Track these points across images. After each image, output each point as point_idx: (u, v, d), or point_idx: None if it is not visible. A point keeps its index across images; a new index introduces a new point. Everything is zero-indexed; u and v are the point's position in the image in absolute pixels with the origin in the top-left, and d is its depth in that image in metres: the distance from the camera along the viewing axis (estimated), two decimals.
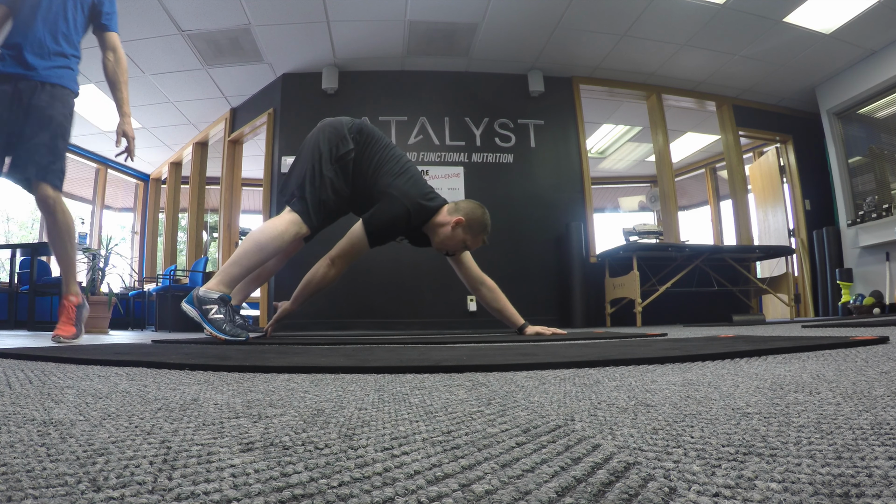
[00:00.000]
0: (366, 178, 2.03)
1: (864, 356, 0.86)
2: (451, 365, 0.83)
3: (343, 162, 1.98)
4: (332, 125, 2.03)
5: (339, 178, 1.98)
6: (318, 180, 1.93)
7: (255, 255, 1.85)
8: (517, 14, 3.96)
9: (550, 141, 4.66)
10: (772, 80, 4.90)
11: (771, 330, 2.20)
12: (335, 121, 2.06)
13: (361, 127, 2.06)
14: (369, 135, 2.06)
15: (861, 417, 0.39)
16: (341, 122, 2.05)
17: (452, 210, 2.14)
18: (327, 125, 2.04)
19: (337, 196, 1.98)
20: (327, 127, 2.02)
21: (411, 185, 2.05)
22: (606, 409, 0.46)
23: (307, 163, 1.95)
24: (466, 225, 2.13)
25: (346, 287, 4.14)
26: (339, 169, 1.98)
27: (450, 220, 2.11)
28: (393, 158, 2.07)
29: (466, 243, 2.18)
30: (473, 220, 2.15)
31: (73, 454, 0.31)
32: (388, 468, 0.28)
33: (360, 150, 2.03)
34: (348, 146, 1.98)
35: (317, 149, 1.96)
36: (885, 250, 4.42)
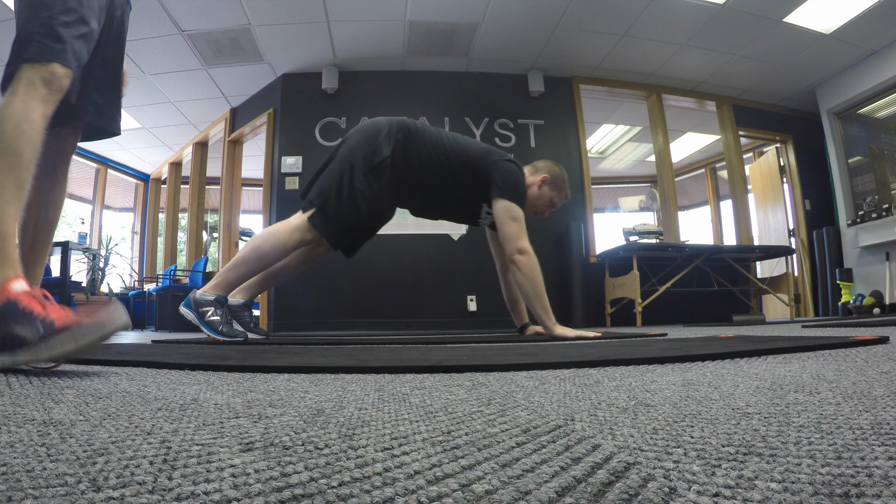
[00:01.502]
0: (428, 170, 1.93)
1: (864, 356, 0.86)
2: (451, 365, 0.83)
3: (378, 171, 1.86)
4: (366, 133, 1.91)
5: (373, 189, 1.85)
6: (345, 195, 1.82)
7: (254, 262, 1.81)
8: (517, 14, 3.96)
9: (550, 141, 4.66)
10: (772, 80, 4.90)
11: (771, 330, 2.20)
12: (371, 127, 1.93)
13: (401, 126, 1.94)
14: (412, 130, 1.95)
15: (861, 417, 0.39)
16: (378, 128, 1.92)
17: (532, 171, 2.11)
18: (362, 132, 1.92)
19: (371, 207, 1.87)
20: (361, 135, 1.91)
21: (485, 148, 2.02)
22: (606, 409, 0.46)
23: (336, 173, 1.84)
24: (552, 182, 2.12)
25: (347, 287, 4.14)
26: (374, 178, 1.85)
27: (536, 179, 2.09)
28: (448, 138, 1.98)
29: (554, 200, 2.17)
30: (557, 176, 2.13)
31: (73, 454, 0.31)
32: (388, 468, 0.28)
33: (402, 150, 1.91)
34: (382, 155, 1.86)
35: (348, 159, 1.85)
36: (885, 250, 4.42)
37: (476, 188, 1.99)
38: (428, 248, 4.31)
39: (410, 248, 4.26)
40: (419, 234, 4.28)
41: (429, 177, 1.94)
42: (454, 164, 1.94)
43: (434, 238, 4.33)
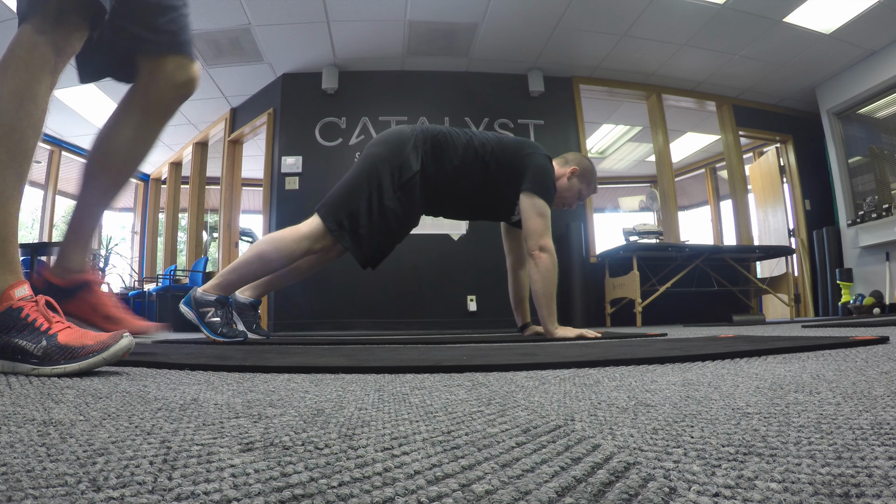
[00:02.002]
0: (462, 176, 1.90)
1: (864, 356, 0.86)
2: (451, 365, 0.83)
3: (408, 187, 1.81)
4: (391, 144, 1.83)
5: (403, 205, 1.81)
6: (376, 214, 1.77)
7: (257, 267, 1.76)
8: (517, 14, 3.96)
9: (550, 141, 4.66)
10: (772, 80, 4.89)
11: (771, 330, 2.20)
12: (396, 139, 1.85)
13: (427, 135, 1.88)
14: (440, 139, 1.89)
15: (861, 417, 0.39)
16: (403, 138, 1.84)
17: (563, 163, 2.11)
18: (386, 144, 1.84)
19: (402, 224, 1.85)
20: (386, 147, 1.83)
21: (520, 142, 2.00)
22: (606, 409, 0.46)
23: (365, 191, 1.77)
24: (581, 174, 2.11)
25: (346, 287, 4.14)
26: (405, 194, 1.81)
27: (565, 171, 2.09)
28: (480, 138, 1.95)
29: (582, 192, 2.15)
30: (586, 168, 2.13)
31: (73, 454, 0.31)
32: (388, 468, 0.28)
33: (432, 162, 1.87)
34: (412, 170, 1.80)
35: (375, 176, 1.77)
36: (885, 250, 4.42)
37: (511, 185, 1.98)
38: (428, 248, 4.31)
39: (410, 248, 4.26)
40: (419, 234, 4.27)
41: (463, 182, 1.91)
42: (490, 165, 1.92)
43: (434, 238, 4.32)
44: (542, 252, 1.92)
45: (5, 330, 0.72)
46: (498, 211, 2.11)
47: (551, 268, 1.93)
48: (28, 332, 0.72)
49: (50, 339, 0.71)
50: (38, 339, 0.71)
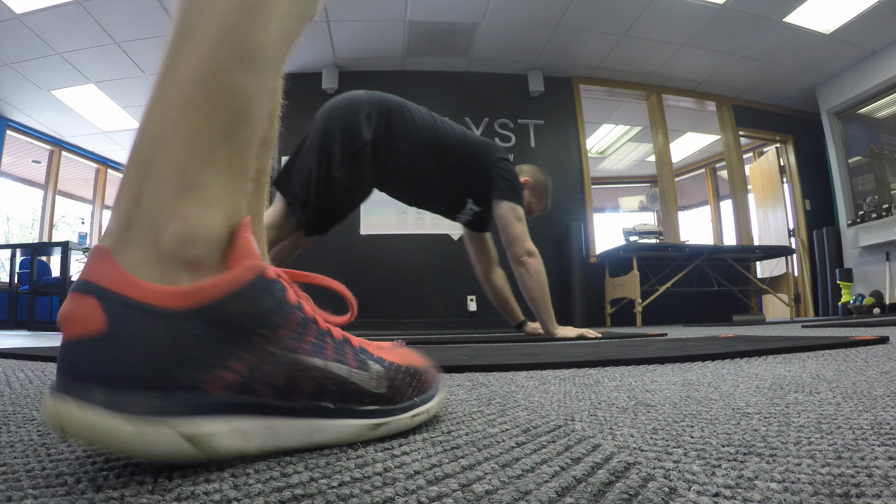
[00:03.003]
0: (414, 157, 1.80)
1: (864, 356, 0.86)
2: (451, 365, 0.83)
3: (357, 157, 1.72)
4: (345, 110, 1.75)
5: (352, 176, 1.73)
6: (323, 184, 1.70)
7: None
8: (517, 14, 3.96)
9: (550, 141, 4.66)
10: (772, 80, 4.90)
11: (771, 330, 2.20)
12: (350, 104, 1.76)
13: (384, 105, 1.78)
14: (395, 111, 1.80)
15: (861, 417, 0.39)
16: (357, 105, 1.75)
17: (517, 172, 2.03)
18: (340, 109, 1.75)
19: (349, 196, 1.76)
20: (339, 113, 1.74)
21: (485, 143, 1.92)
22: (606, 409, 0.46)
23: (314, 160, 1.70)
24: (533, 187, 2.03)
25: (346, 287, 4.13)
26: (353, 165, 1.72)
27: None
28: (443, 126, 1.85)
29: (531, 207, 2.07)
30: (539, 183, 2.05)
31: (73, 454, 0.31)
32: (388, 468, 0.28)
33: (385, 134, 1.76)
34: (361, 139, 1.71)
35: (326, 145, 1.70)
36: (885, 250, 4.42)
37: (466, 182, 1.90)
38: (428, 248, 4.31)
39: (410, 248, 4.27)
40: (419, 234, 4.28)
41: (414, 164, 1.81)
42: (446, 155, 1.83)
43: (434, 238, 4.33)
44: (530, 257, 1.86)
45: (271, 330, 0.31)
46: (444, 206, 2.01)
47: (541, 270, 1.89)
48: (319, 341, 0.33)
49: (367, 353, 0.37)
50: (345, 352, 0.35)
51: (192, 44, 0.32)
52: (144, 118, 0.31)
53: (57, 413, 0.25)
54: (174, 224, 0.29)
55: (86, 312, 0.27)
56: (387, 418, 0.35)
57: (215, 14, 0.32)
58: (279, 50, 0.35)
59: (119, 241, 0.29)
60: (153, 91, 0.32)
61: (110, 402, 0.25)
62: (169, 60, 0.32)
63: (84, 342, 0.26)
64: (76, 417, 0.25)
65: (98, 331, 0.26)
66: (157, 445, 0.26)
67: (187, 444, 0.26)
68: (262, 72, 0.33)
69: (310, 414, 0.32)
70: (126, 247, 0.29)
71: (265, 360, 0.30)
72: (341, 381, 0.33)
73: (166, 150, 0.30)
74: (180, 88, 0.31)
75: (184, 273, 0.29)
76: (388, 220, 4.26)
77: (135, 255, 0.28)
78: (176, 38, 0.32)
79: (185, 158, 0.30)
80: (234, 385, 0.29)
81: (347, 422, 0.33)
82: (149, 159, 0.30)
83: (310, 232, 1.76)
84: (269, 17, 0.33)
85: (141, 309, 0.27)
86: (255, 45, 0.33)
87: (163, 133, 0.30)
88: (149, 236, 0.29)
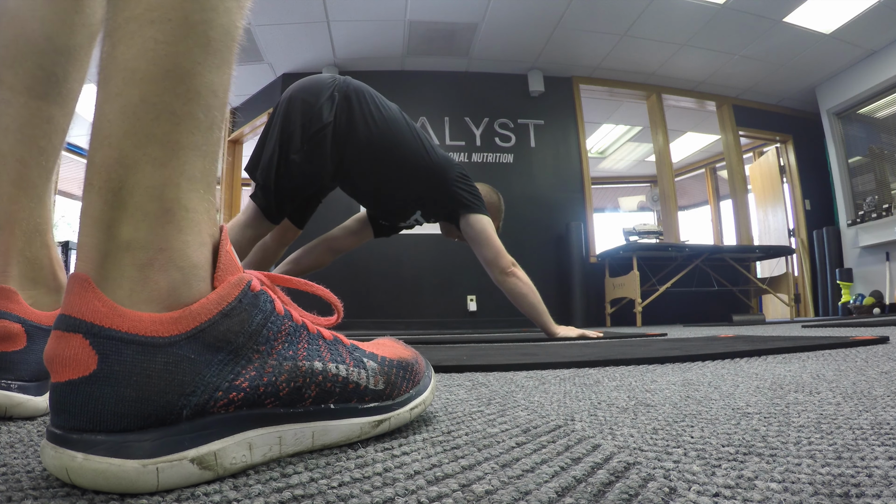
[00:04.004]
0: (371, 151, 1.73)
1: (864, 356, 0.86)
2: (451, 365, 0.83)
3: (317, 139, 1.64)
4: (307, 92, 1.67)
5: (311, 161, 1.65)
6: (283, 167, 1.63)
7: None
8: (517, 14, 3.96)
9: (550, 141, 4.66)
10: (772, 80, 4.90)
11: (771, 330, 2.20)
12: (313, 87, 1.69)
13: (348, 88, 1.71)
14: (359, 97, 1.72)
15: (861, 417, 0.39)
16: (320, 87, 1.68)
17: None
18: (302, 91, 1.68)
19: (308, 179, 1.68)
20: (301, 95, 1.67)
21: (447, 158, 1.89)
22: (606, 409, 0.46)
23: (275, 143, 1.64)
24: (487, 208, 1.97)
25: (346, 287, 4.14)
26: (314, 147, 1.64)
27: None
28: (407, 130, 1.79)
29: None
30: (492, 204, 2.02)
31: None
32: (388, 468, 0.28)
33: (346, 120, 1.68)
34: (321, 122, 1.64)
35: (286, 127, 1.64)
36: (885, 250, 4.42)
37: (420, 192, 1.85)
38: (428, 248, 4.31)
39: (410, 248, 4.26)
40: (419, 234, 4.27)
41: (371, 158, 1.73)
42: (405, 157, 1.76)
43: (434, 238, 4.32)
44: (516, 268, 1.86)
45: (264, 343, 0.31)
46: (391, 210, 1.96)
47: (528, 278, 1.89)
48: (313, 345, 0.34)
49: (360, 351, 0.37)
50: (340, 353, 0.35)
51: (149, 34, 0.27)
52: (101, 132, 0.27)
53: (62, 465, 0.24)
54: (160, 259, 0.27)
55: (74, 353, 0.25)
56: (387, 414, 0.36)
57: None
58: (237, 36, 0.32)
59: (98, 270, 0.27)
60: (105, 98, 0.27)
61: (115, 448, 0.24)
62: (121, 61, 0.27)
63: (75, 384, 0.25)
64: (83, 468, 0.24)
65: (89, 370, 0.25)
66: (169, 480, 0.25)
67: (196, 468, 0.26)
68: (228, 64, 0.31)
69: (313, 418, 0.32)
70: (106, 279, 0.27)
71: (264, 372, 0.29)
72: (342, 382, 0.33)
73: (139, 173, 0.27)
74: (144, 94, 0.27)
75: (171, 298, 0.28)
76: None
77: (117, 288, 0.27)
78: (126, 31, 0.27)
79: (160, 181, 0.28)
80: (236, 402, 0.28)
81: (350, 421, 0.33)
82: (119, 184, 0.27)
83: (270, 216, 1.69)
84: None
85: (132, 342, 0.26)
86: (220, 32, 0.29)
87: (131, 152, 0.27)
88: (132, 273, 0.27)
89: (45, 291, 0.45)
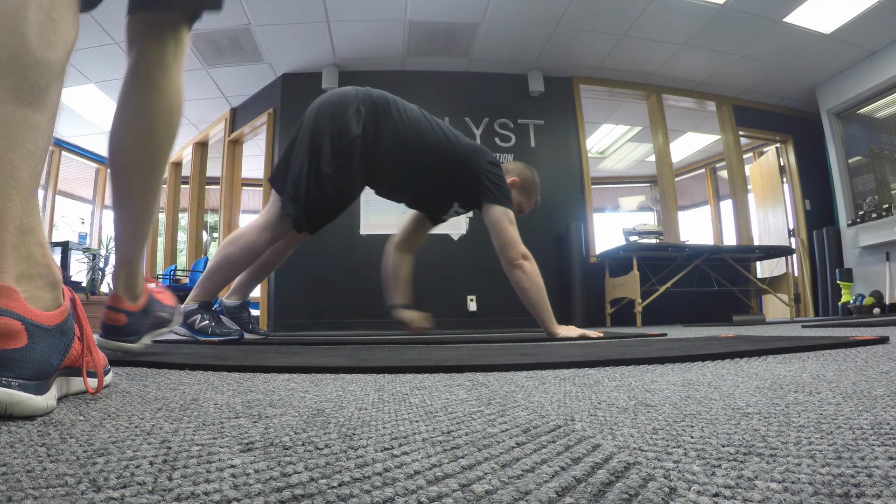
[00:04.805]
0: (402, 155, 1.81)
1: (864, 356, 0.86)
2: (451, 365, 0.83)
3: (347, 152, 1.72)
4: (334, 106, 1.74)
5: (342, 172, 1.73)
6: (314, 180, 1.70)
7: (227, 269, 1.75)
8: (517, 14, 3.96)
9: (550, 141, 4.66)
10: (772, 80, 4.90)
11: (771, 330, 2.20)
12: (339, 100, 1.76)
13: (372, 99, 1.79)
14: (382, 108, 1.80)
15: (861, 417, 0.39)
16: (346, 101, 1.75)
17: (503, 172, 2.03)
18: (329, 106, 1.75)
19: (339, 192, 1.76)
20: (328, 109, 1.74)
21: (474, 147, 1.92)
22: (606, 409, 0.46)
23: (304, 156, 1.71)
24: (521, 186, 2.05)
25: (346, 287, 4.14)
26: (343, 160, 1.72)
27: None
28: (432, 126, 1.86)
29: (521, 206, 2.09)
30: (527, 180, 2.06)
31: (73, 454, 0.31)
32: (388, 468, 0.28)
33: (374, 130, 1.76)
34: (350, 135, 1.71)
35: (316, 140, 1.71)
36: (885, 250, 4.42)
37: (452, 185, 1.91)
38: (428, 248, 4.30)
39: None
40: None
41: (401, 162, 1.81)
42: (433, 155, 1.83)
43: (434, 238, 4.32)
44: (525, 260, 1.88)
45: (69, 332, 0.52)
46: (432, 204, 2.03)
47: (537, 272, 1.90)
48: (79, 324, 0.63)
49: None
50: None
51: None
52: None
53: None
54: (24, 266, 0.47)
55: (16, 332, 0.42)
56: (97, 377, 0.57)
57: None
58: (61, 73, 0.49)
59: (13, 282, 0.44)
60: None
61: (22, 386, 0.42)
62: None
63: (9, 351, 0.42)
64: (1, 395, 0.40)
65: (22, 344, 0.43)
66: (41, 407, 0.43)
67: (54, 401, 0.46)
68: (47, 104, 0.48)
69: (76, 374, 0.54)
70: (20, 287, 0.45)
71: (77, 346, 0.52)
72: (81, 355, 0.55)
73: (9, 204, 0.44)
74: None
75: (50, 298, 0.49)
76: (388, 219, 4.26)
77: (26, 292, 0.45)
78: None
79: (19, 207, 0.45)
80: (69, 361, 0.50)
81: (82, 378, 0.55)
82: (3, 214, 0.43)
83: (300, 228, 1.76)
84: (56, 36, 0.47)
85: (41, 328, 0.45)
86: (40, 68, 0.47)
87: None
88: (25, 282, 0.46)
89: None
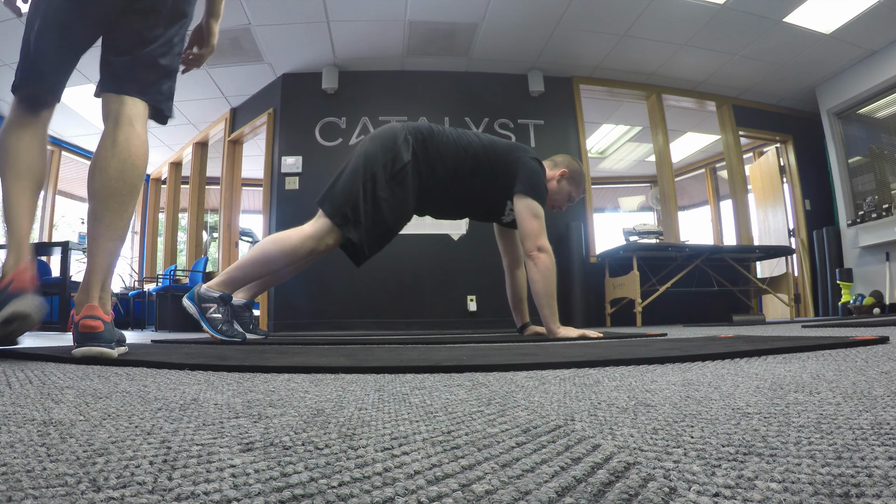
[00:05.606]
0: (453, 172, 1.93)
1: (864, 356, 0.86)
2: (451, 365, 0.83)
3: (400, 177, 1.84)
4: (383, 138, 1.88)
5: (396, 196, 1.84)
6: (370, 205, 1.79)
7: (261, 266, 1.79)
8: (517, 14, 3.96)
9: (550, 141, 4.66)
10: (772, 80, 4.89)
11: (771, 330, 2.20)
12: (388, 133, 1.90)
13: (417, 129, 1.93)
14: (428, 133, 1.93)
15: (861, 417, 0.39)
16: (394, 132, 1.89)
17: (552, 165, 2.14)
18: (378, 138, 1.89)
19: (395, 215, 1.86)
20: (378, 140, 1.87)
21: (511, 145, 2.03)
22: (606, 409, 0.46)
23: (359, 183, 1.80)
24: (570, 176, 2.14)
25: (346, 287, 4.14)
26: (397, 185, 1.84)
27: (555, 173, 2.12)
28: (471, 137, 1.98)
29: (571, 195, 2.18)
30: (575, 171, 2.16)
31: (73, 454, 0.31)
32: (388, 468, 0.28)
33: (423, 154, 1.90)
34: (402, 161, 1.84)
35: (369, 168, 1.81)
36: (885, 250, 4.42)
37: (501, 186, 2.00)
38: (428, 248, 4.31)
39: (410, 248, 4.26)
40: (419, 234, 4.28)
41: (454, 178, 1.94)
42: (481, 163, 1.95)
43: (434, 238, 4.33)
44: (540, 252, 1.93)
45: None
46: (488, 210, 2.13)
47: (551, 267, 1.94)
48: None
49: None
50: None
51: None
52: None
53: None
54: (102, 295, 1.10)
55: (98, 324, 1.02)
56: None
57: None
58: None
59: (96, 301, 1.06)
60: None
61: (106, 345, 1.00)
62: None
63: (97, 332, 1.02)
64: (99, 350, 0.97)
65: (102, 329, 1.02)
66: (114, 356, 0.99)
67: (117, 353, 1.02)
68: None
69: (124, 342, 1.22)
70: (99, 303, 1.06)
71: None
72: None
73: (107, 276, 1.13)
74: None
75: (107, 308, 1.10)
76: None
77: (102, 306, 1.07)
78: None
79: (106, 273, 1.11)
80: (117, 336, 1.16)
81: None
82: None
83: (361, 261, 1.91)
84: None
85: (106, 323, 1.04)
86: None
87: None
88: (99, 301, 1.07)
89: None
